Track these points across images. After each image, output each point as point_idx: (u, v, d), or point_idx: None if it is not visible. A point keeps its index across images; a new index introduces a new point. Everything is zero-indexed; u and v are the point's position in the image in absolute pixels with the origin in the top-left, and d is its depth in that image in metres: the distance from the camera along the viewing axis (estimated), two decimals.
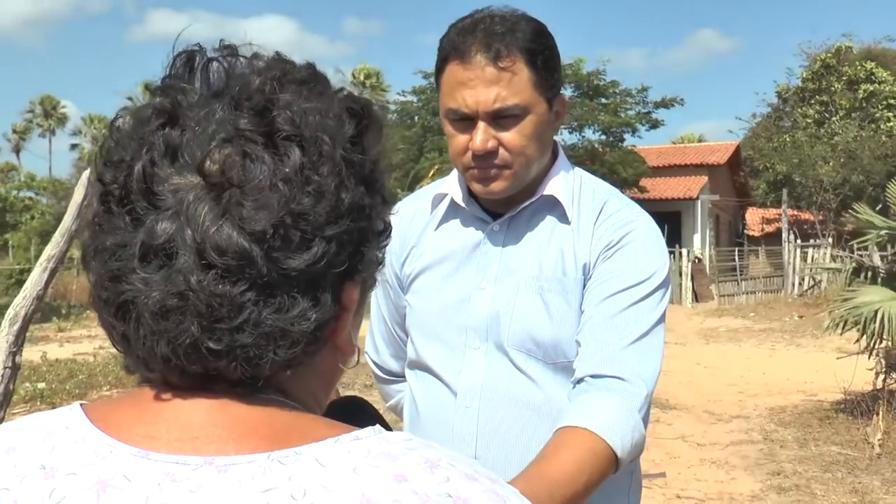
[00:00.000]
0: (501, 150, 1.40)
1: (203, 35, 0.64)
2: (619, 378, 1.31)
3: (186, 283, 0.57)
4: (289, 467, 0.56)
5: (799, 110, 30.74)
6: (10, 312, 4.19)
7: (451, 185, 1.54)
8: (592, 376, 1.33)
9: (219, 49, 0.64)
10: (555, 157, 1.52)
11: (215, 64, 0.63)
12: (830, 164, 26.33)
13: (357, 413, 0.79)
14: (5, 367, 4.06)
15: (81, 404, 0.65)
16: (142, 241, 0.58)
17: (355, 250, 0.62)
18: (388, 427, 0.65)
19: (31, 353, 10.58)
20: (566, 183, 1.50)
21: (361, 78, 49.68)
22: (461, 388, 1.47)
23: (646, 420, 1.35)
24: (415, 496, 0.55)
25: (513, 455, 1.42)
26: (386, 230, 0.67)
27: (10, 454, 0.61)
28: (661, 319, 1.41)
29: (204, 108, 0.60)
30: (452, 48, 1.40)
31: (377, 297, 1.71)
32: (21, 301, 4.20)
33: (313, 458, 0.57)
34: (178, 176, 0.58)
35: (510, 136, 1.39)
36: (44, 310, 16.16)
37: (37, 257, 4.59)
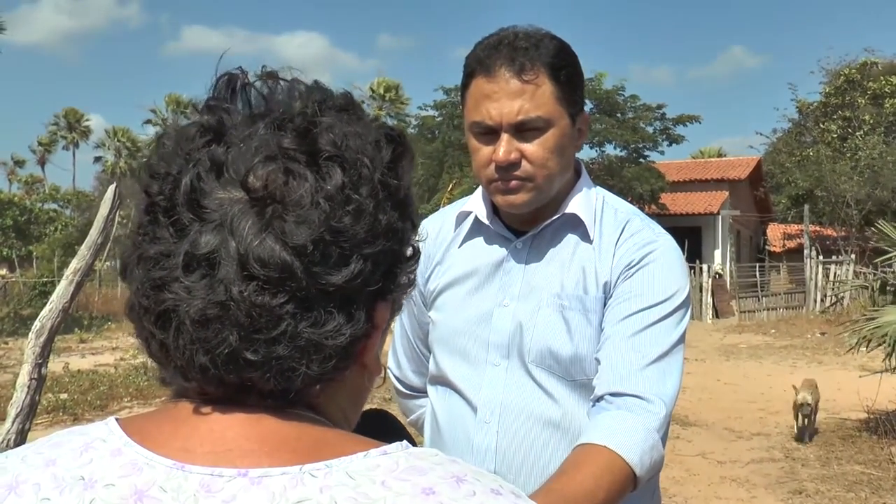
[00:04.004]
0: (524, 163, 1.42)
1: (237, 52, 0.67)
2: (638, 397, 1.32)
3: (228, 293, 0.58)
4: (320, 479, 0.58)
5: (821, 125, 30.46)
6: (36, 325, 4.24)
7: (475, 203, 1.57)
8: (612, 394, 1.34)
9: (260, 73, 0.67)
10: (577, 175, 1.54)
11: (256, 86, 0.66)
12: (854, 179, 26.07)
13: (384, 427, 0.81)
14: (31, 379, 4.11)
15: (117, 419, 0.66)
16: (186, 251, 0.59)
17: (389, 271, 0.65)
18: (413, 442, 0.67)
19: (53, 364, 10.67)
20: (588, 201, 1.51)
21: (381, 91, 49.66)
22: (481, 404, 1.49)
23: (664, 439, 1.35)
24: None
25: (531, 471, 1.43)
26: (414, 255, 0.69)
27: (49, 466, 0.63)
28: (681, 339, 1.42)
29: (247, 128, 0.63)
30: (478, 63, 1.43)
31: (401, 313, 1.73)
32: (47, 314, 4.26)
33: (343, 470, 0.58)
34: (223, 190, 0.60)
35: (533, 149, 1.41)
36: (66, 321, 16.31)
37: (60, 268, 4.65)
